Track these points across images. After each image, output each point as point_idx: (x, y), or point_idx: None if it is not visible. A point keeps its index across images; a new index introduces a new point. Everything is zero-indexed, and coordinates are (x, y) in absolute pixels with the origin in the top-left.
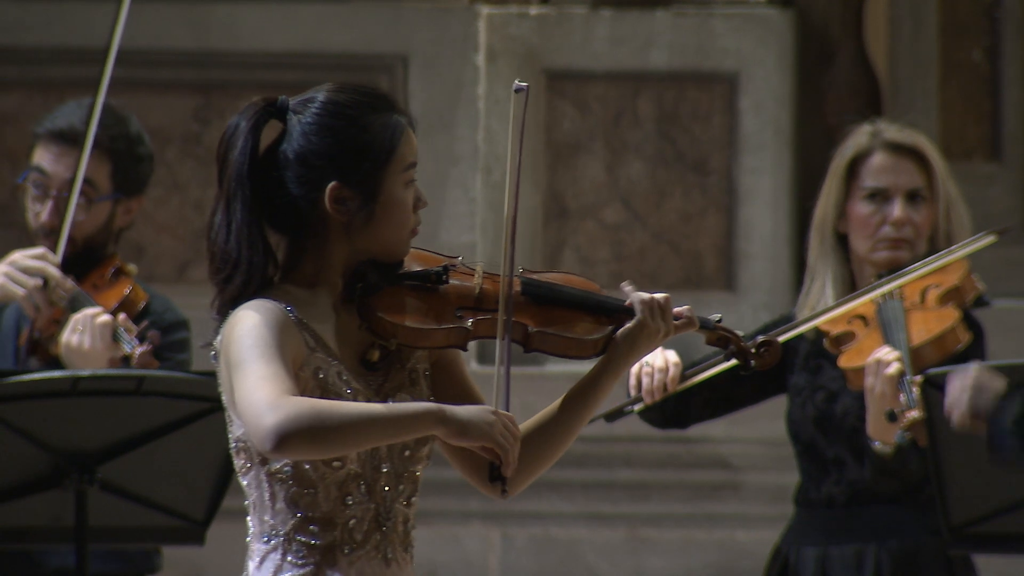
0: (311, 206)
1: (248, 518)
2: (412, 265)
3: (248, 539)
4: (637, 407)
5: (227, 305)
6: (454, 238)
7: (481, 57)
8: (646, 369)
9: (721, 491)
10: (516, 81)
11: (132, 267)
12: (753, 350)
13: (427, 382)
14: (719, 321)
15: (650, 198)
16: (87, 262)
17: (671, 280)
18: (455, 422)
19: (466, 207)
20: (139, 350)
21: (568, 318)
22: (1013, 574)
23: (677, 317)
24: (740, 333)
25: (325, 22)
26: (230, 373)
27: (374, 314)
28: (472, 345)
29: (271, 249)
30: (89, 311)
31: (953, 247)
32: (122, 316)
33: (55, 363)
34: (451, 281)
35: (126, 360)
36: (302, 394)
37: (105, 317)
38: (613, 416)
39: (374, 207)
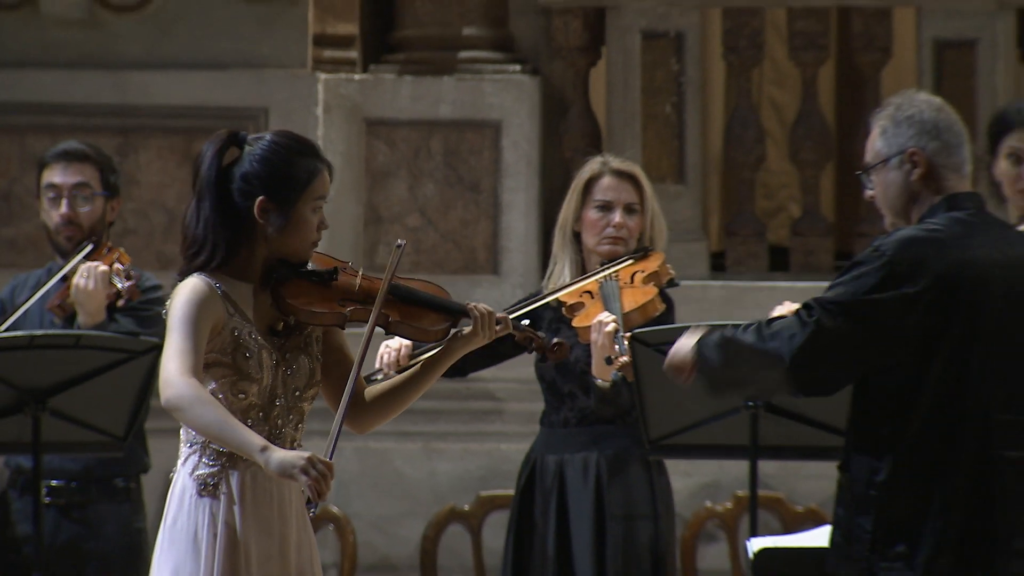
0: (246, 213)
1: (181, 430)
2: (316, 265)
3: (180, 444)
4: (379, 376)
5: (188, 272)
6: None
7: (320, 109)
8: (388, 349)
9: (489, 416)
10: (399, 240)
11: (121, 249)
12: (549, 348)
13: (318, 345)
14: (529, 325)
15: (439, 210)
16: (94, 246)
17: (454, 267)
18: (268, 463)
19: None
20: (126, 284)
21: (420, 314)
22: (692, 472)
23: (500, 322)
24: (541, 335)
25: (211, 84)
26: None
27: (281, 298)
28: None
29: (224, 240)
30: (93, 263)
31: (616, 261)
32: (116, 265)
33: (71, 319)
34: (340, 279)
35: (118, 295)
36: (222, 347)
37: (103, 267)
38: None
39: (287, 221)
